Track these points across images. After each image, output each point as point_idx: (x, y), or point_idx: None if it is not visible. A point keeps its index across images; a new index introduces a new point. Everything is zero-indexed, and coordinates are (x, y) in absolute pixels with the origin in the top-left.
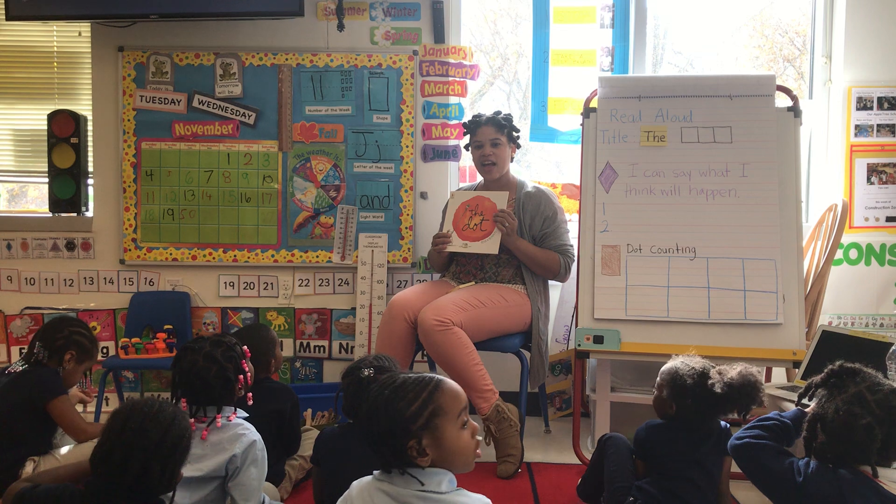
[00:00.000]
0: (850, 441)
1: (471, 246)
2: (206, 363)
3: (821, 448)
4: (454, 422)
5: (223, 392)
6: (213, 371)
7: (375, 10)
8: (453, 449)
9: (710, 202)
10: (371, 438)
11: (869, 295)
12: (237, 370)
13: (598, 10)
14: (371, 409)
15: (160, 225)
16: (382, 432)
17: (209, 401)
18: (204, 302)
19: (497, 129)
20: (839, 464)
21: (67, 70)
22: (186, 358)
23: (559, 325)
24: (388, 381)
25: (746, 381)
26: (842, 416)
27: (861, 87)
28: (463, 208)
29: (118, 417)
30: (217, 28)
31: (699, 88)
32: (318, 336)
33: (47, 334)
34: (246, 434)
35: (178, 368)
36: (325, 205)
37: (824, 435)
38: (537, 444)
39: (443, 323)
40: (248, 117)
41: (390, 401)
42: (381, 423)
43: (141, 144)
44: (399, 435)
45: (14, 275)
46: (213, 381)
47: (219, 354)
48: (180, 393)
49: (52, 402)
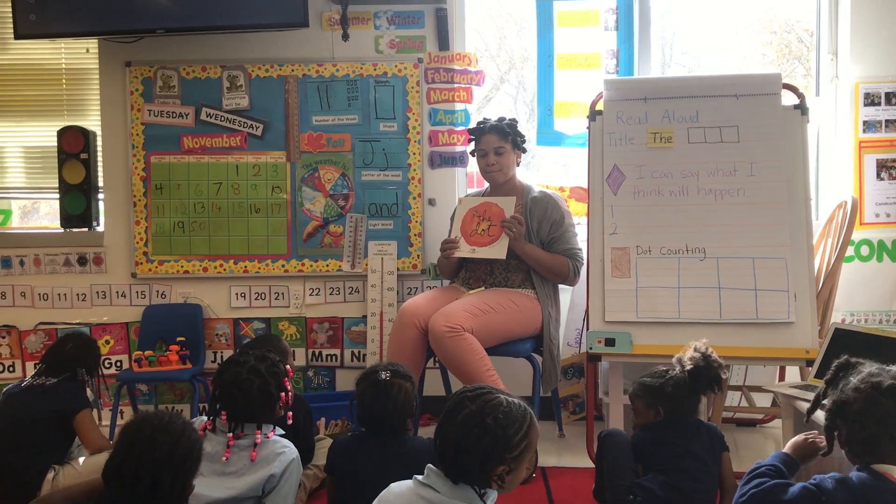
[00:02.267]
0: (877, 416)
1: (478, 251)
2: (249, 376)
3: (850, 437)
4: (530, 457)
5: (264, 407)
6: (257, 384)
7: (380, 20)
8: (518, 479)
9: (719, 202)
10: (457, 449)
11: (882, 291)
12: (279, 387)
13: (602, 12)
14: (475, 426)
15: (171, 238)
16: (480, 450)
17: (249, 416)
18: (216, 313)
19: (500, 136)
20: (869, 451)
21: (76, 86)
22: (230, 370)
23: (570, 329)
24: (496, 402)
25: (703, 353)
26: (864, 390)
27: (868, 83)
28: (471, 214)
29: (129, 430)
30: (223, 41)
31: (705, 88)
32: (330, 345)
33: (69, 352)
34: (285, 452)
35: (220, 380)
36: (334, 214)
37: (850, 422)
38: (551, 449)
39: (454, 329)
40: (255, 129)
41: (502, 425)
42: (482, 440)
43: (150, 158)
44: (495, 459)
45: (27, 290)
46: (256, 395)
47: (263, 369)
48: (220, 406)
49: (79, 413)
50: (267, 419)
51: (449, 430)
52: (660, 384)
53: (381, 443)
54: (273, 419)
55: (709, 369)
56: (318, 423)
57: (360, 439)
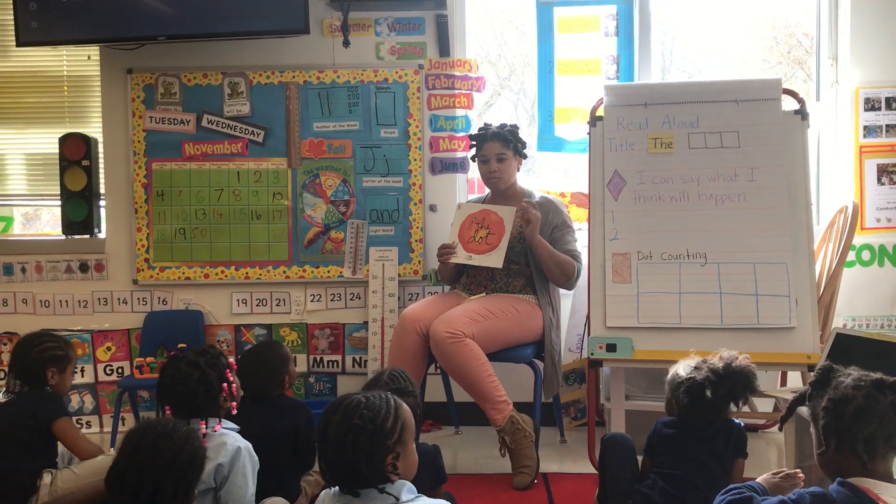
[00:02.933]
0: (878, 412)
1: (475, 258)
2: (188, 368)
3: (847, 437)
4: (412, 435)
5: (206, 399)
6: (196, 376)
7: (380, 26)
8: (413, 461)
9: (720, 207)
10: (345, 462)
11: (883, 296)
12: (220, 378)
13: (602, 18)
14: (346, 431)
15: (172, 244)
16: (362, 451)
17: (193, 410)
18: (217, 320)
19: (503, 144)
20: (868, 452)
21: (77, 94)
22: (171, 365)
23: (572, 335)
24: (355, 402)
25: (732, 365)
26: (864, 387)
27: (868, 88)
28: (469, 220)
29: (131, 437)
30: (224, 48)
31: (705, 94)
32: (332, 351)
33: (17, 365)
34: (230, 442)
35: (162, 377)
36: (335, 220)
37: (849, 420)
38: (553, 455)
39: (454, 335)
40: (256, 135)
41: (369, 418)
42: (359, 440)
43: (151, 165)
44: (378, 451)
45: (29, 297)
46: (195, 387)
47: (202, 361)
48: (164, 401)
49: (55, 422)
50: (211, 412)
51: (328, 449)
52: (678, 382)
53: None
54: (218, 412)
55: (730, 380)
56: None
57: None
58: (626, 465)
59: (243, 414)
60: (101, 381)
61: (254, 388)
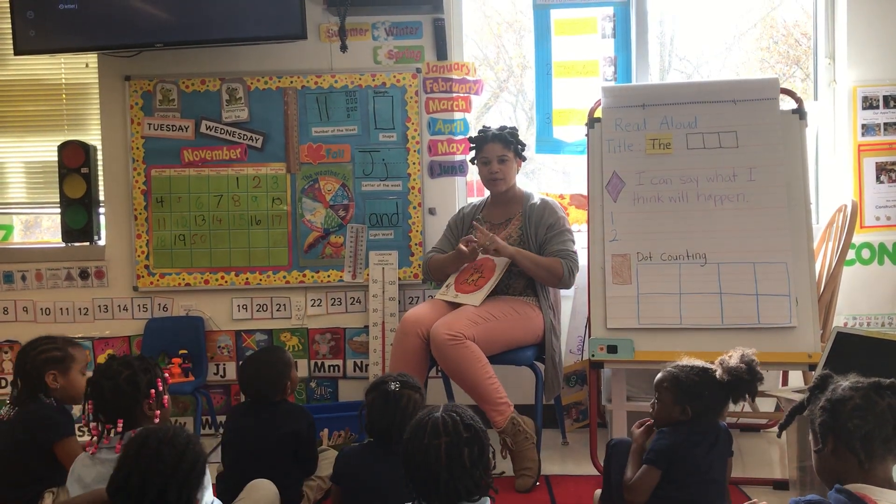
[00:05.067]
0: (875, 412)
1: (459, 297)
2: (119, 367)
3: (845, 438)
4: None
5: (130, 400)
6: (125, 375)
7: (378, 30)
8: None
9: (719, 207)
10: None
11: (883, 294)
12: (150, 384)
13: (599, 20)
14: (460, 447)
15: (172, 251)
16: (476, 464)
17: (115, 409)
18: (218, 325)
19: (504, 145)
20: (866, 451)
21: (76, 101)
22: (104, 363)
23: (573, 336)
24: (446, 421)
25: (748, 363)
26: (862, 388)
27: (866, 87)
28: (470, 267)
29: (134, 443)
30: (221, 54)
31: (703, 94)
32: (333, 355)
33: (18, 374)
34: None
35: (94, 373)
36: (335, 224)
37: (847, 419)
38: (555, 457)
39: (455, 337)
40: (255, 141)
41: (477, 429)
42: (474, 454)
43: (150, 172)
44: (486, 460)
45: (29, 305)
46: (123, 385)
47: (136, 364)
48: (89, 395)
49: (57, 444)
50: (134, 416)
51: (441, 473)
52: (697, 384)
53: (389, 452)
54: (141, 418)
55: (751, 381)
56: (322, 434)
57: (368, 449)
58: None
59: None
60: None
61: (256, 394)
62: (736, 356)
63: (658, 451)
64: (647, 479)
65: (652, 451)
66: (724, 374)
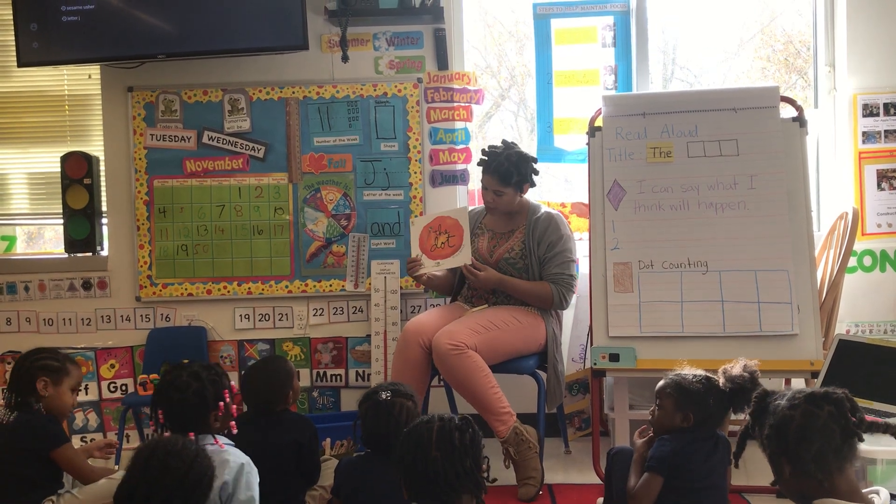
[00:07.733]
0: (817, 427)
1: (443, 263)
2: (188, 378)
3: (798, 459)
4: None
5: (197, 413)
6: (194, 387)
7: (379, 41)
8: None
9: (720, 215)
10: (456, 474)
11: (885, 301)
12: (217, 396)
13: (600, 29)
14: (453, 442)
15: (174, 261)
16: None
17: (184, 420)
18: (220, 335)
19: (501, 180)
20: (822, 470)
21: (79, 112)
22: (171, 372)
23: (574, 345)
24: (441, 423)
25: (751, 373)
26: (799, 405)
27: (866, 94)
28: (426, 231)
29: (141, 454)
30: (224, 65)
31: (703, 103)
32: (335, 365)
33: (11, 378)
34: (232, 459)
35: (161, 382)
36: (337, 234)
37: (794, 442)
38: (558, 466)
39: (457, 347)
40: (257, 151)
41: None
42: (471, 450)
43: (153, 182)
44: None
45: (32, 316)
46: (191, 398)
47: (204, 375)
48: (158, 405)
49: (54, 452)
50: (202, 427)
51: (440, 469)
52: (699, 391)
53: (387, 462)
54: (209, 429)
55: (753, 390)
56: (324, 444)
57: (366, 460)
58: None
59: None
60: (105, 398)
61: (258, 403)
62: (738, 366)
63: (659, 458)
64: (650, 487)
65: (653, 458)
66: (727, 382)
